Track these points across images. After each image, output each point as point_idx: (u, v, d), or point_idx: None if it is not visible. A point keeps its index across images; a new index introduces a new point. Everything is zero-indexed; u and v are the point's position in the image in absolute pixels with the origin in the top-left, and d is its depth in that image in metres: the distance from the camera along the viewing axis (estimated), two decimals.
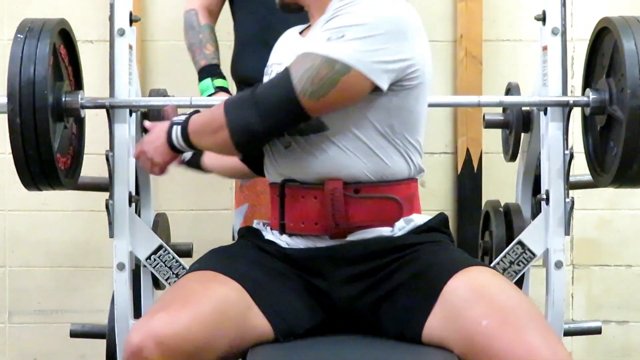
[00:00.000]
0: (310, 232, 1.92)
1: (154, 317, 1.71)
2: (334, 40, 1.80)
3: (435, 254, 1.88)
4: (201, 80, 2.72)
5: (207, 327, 1.72)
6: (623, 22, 2.18)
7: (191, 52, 2.75)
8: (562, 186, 2.32)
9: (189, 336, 1.69)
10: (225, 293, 1.79)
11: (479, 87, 3.22)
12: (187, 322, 1.70)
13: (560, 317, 2.32)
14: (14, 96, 2.09)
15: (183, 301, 1.76)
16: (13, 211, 3.32)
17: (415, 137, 1.94)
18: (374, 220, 1.90)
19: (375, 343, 1.83)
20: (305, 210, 1.91)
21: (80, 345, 3.09)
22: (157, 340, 1.66)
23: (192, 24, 2.76)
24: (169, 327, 1.68)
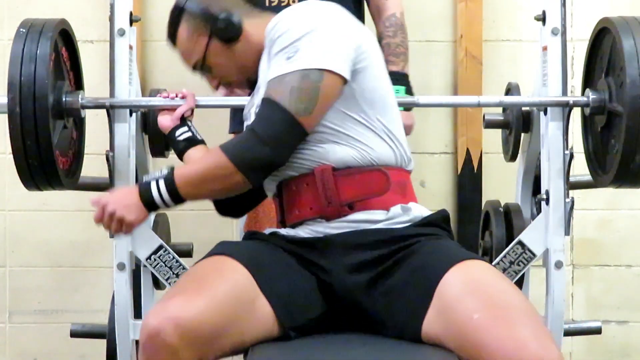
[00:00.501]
0: (305, 217, 1.96)
1: (171, 301, 1.73)
2: (293, 56, 1.90)
3: (434, 249, 1.90)
4: None
5: (223, 311, 1.75)
6: (623, 23, 2.18)
7: None
8: (562, 186, 2.32)
9: (206, 319, 1.72)
10: (236, 279, 1.82)
11: (479, 87, 3.22)
12: (203, 305, 1.73)
13: (560, 317, 2.32)
14: (14, 96, 2.09)
15: (198, 286, 1.79)
16: (13, 211, 3.32)
17: (389, 120, 2.00)
18: (364, 194, 1.94)
19: (376, 342, 1.83)
20: (299, 198, 1.97)
21: (80, 345, 3.09)
22: (176, 323, 1.68)
23: None
24: (186, 311, 1.71)
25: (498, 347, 1.66)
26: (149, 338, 1.69)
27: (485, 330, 1.69)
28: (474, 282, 1.79)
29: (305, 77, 1.88)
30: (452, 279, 1.79)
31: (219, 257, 1.89)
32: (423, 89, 3.12)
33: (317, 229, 1.96)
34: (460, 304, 1.75)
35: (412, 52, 2.86)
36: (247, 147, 1.90)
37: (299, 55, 1.89)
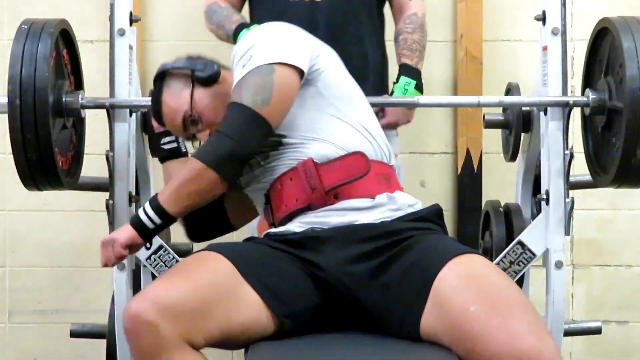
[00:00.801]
0: (292, 209, 2.00)
1: (150, 287, 1.81)
2: (247, 63, 2.00)
3: (429, 243, 1.92)
4: (236, 37, 2.69)
5: (202, 292, 1.79)
6: (622, 23, 2.18)
7: (220, 29, 2.75)
8: (562, 186, 2.32)
9: (184, 298, 1.76)
10: (217, 267, 1.87)
11: (479, 87, 3.22)
12: (182, 288, 1.79)
13: (560, 317, 2.32)
14: (15, 96, 2.09)
15: (178, 274, 1.87)
16: (13, 211, 3.32)
17: (362, 115, 2.07)
18: (346, 177, 2.00)
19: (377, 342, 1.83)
20: (285, 192, 2.03)
21: (80, 345, 3.09)
22: (153, 302, 1.73)
23: (213, 9, 2.78)
24: (164, 292, 1.76)
25: (493, 338, 1.68)
26: (130, 320, 1.73)
27: (481, 322, 1.71)
28: (470, 275, 1.81)
29: (257, 73, 1.97)
30: (448, 273, 1.80)
31: (203, 252, 1.94)
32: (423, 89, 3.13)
33: (305, 219, 1.99)
34: (456, 297, 1.77)
35: None
36: (212, 144, 1.97)
37: (252, 59, 1.99)
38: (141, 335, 1.73)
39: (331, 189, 1.99)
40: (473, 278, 1.80)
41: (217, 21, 2.76)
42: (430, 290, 1.80)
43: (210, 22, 2.79)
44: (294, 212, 2.01)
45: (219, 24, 2.75)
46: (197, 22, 3.26)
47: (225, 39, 2.76)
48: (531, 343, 1.66)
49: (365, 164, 2.01)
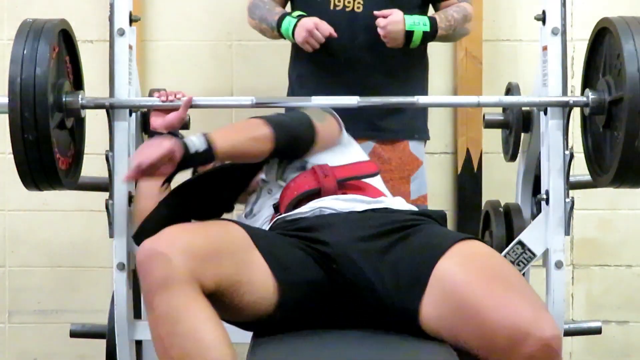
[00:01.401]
0: (302, 191, 2.11)
1: (164, 231, 1.81)
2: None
3: (434, 230, 1.99)
4: (280, 26, 2.68)
5: (215, 242, 1.83)
6: (622, 23, 2.18)
7: (264, 22, 2.73)
8: (562, 186, 2.32)
9: (198, 242, 1.79)
10: (232, 229, 1.91)
11: (479, 87, 3.22)
12: (196, 234, 1.82)
13: (560, 317, 2.32)
14: (15, 96, 2.09)
15: (194, 226, 1.91)
16: (13, 211, 3.32)
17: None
18: (357, 174, 2.18)
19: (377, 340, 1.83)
20: (295, 185, 2.13)
21: (80, 345, 3.09)
22: (168, 239, 1.76)
23: (257, 5, 2.77)
24: (179, 234, 1.79)
25: (492, 310, 1.71)
26: (144, 252, 1.76)
27: (482, 293, 1.74)
28: (471, 255, 1.86)
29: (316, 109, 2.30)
30: (451, 254, 1.85)
31: (219, 220, 2.00)
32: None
33: (314, 204, 2.06)
34: (459, 273, 1.81)
35: None
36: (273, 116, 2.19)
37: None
38: (153, 266, 1.74)
39: (342, 179, 2.12)
40: (475, 258, 1.86)
41: (259, 15, 2.75)
42: (434, 269, 1.84)
43: (253, 16, 2.78)
44: (304, 194, 2.08)
45: (262, 17, 2.74)
46: (197, 22, 3.27)
47: (269, 32, 2.74)
48: (529, 315, 1.69)
49: (376, 168, 2.22)
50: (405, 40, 2.63)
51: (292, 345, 1.83)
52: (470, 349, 1.77)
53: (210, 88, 3.21)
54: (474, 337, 1.74)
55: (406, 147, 2.79)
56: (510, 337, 1.67)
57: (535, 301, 1.74)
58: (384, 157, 2.77)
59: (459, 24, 2.72)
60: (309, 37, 2.60)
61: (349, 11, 2.69)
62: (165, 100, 2.30)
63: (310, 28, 2.60)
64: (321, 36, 2.60)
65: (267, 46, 3.10)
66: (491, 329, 1.70)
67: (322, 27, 2.61)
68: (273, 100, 2.52)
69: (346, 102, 2.44)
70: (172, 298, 1.71)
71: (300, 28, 2.62)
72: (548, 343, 1.66)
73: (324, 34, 2.60)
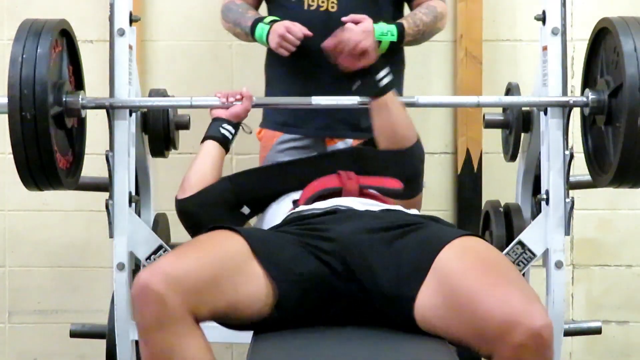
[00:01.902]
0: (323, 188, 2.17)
1: (161, 259, 1.81)
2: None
3: (436, 227, 2.01)
4: (253, 32, 2.64)
5: (211, 266, 1.81)
6: (622, 23, 2.18)
7: (237, 27, 2.70)
8: (562, 186, 2.32)
9: (193, 270, 1.77)
10: (228, 242, 1.90)
11: (479, 87, 3.22)
12: (191, 260, 1.80)
13: (560, 317, 2.32)
14: (15, 96, 2.09)
15: (188, 248, 1.88)
16: (13, 211, 3.32)
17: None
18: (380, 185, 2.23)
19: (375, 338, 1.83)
20: (317, 183, 2.19)
21: (80, 345, 3.09)
22: (163, 273, 1.74)
23: (229, 8, 2.74)
24: (174, 265, 1.77)
25: (485, 298, 1.72)
26: (139, 289, 1.74)
27: (476, 282, 1.76)
28: (470, 248, 1.88)
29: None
30: (449, 248, 1.86)
31: (216, 230, 1.97)
32: (423, 89, 3.13)
33: (332, 202, 2.10)
34: (455, 263, 1.83)
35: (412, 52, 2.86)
36: None
37: None
38: (148, 304, 1.74)
39: (365, 186, 2.17)
40: (472, 251, 1.87)
41: (233, 19, 2.72)
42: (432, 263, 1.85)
43: (227, 20, 2.76)
44: (325, 190, 2.15)
45: (235, 21, 2.71)
46: (197, 22, 3.27)
47: (243, 37, 2.72)
48: (519, 304, 1.69)
49: (400, 185, 2.24)
50: None
51: (292, 345, 1.83)
52: (462, 340, 1.78)
53: (210, 88, 3.21)
54: (465, 326, 1.75)
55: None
56: (500, 325, 1.68)
57: (527, 292, 1.75)
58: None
59: (428, 27, 2.67)
60: (282, 42, 2.55)
61: (323, 11, 2.65)
62: (226, 101, 2.38)
63: (282, 32, 2.55)
64: (294, 39, 2.55)
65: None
66: (482, 318, 1.71)
67: (294, 29, 2.56)
68: (273, 101, 2.52)
69: (346, 102, 2.44)
70: (166, 336, 1.73)
71: (273, 34, 2.57)
72: (538, 332, 1.66)
73: (296, 36, 2.55)
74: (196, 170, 2.33)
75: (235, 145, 2.45)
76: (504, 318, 1.68)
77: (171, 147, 2.62)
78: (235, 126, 2.38)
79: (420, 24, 2.65)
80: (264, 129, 2.77)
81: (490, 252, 1.92)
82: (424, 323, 1.84)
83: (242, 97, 2.38)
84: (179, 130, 2.65)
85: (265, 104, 2.45)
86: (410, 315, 1.84)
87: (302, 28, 2.57)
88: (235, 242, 1.90)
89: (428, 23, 2.67)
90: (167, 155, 2.65)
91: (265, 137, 2.77)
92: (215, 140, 2.36)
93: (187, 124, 2.63)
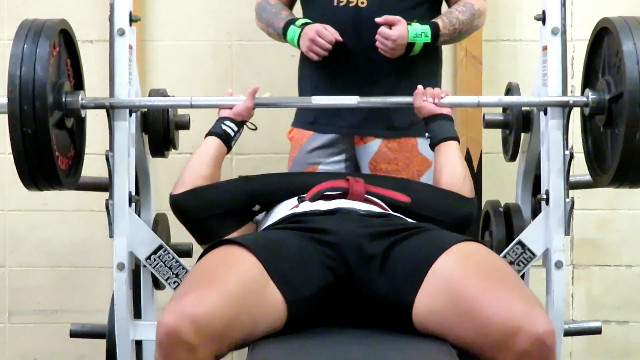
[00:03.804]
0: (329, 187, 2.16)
1: (184, 299, 1.74)
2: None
3: (438, 232, 2.00)
4: (285, 34, 2.65)
5: (235, 304, 1.76)
6: (622, 23, 2.18)
7: (270, 27, 2.71)
8: (562, 186, 2.32)
9: (220, 314, 1.72)
10: (246, 269, 1.84)
11: (479, 87, 3.22)
12: (216, 300, 1.74)
13: (560, 317, 2.32)
14: (14, 96, 2.09)
15: (209, 281, 1.81)
16: (13, 211, 3.32)
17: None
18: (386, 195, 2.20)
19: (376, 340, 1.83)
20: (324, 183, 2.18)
21: (80, 345, 3.09)
22: (192, 319, 1.69)
23: (263, 7, 2.74)
24: (200, 306, 1.71)
25: (487, 303, 1.71)
26: (167, 336, 1.69)
27: (477, 288, 1.75)
28: (470, 254, 1.87)
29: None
30: (449, 253, 1.86)
31: (227, 248, 1.92)
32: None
33: (335, 203, 2.09)
34: (455, 268, 1.82)
35: None
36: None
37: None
38: (177, 352, 1.70)
39: (372, 193, 2.16)
40: (473, 256, 1.87)
41: (266, 19, 2.72)
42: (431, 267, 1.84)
43: (260, 19, 2.76)
44: (331, 189, 2.15)
45: (268, 21, 2.71)
46: (197, 22, 3.27)
47: (275, 37, 2.72)
48: (522, 310, 1.68)
49: (408, 199, 2.21)
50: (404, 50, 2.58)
51: (292, 345, 1.83)
52: (462, 345, 1.77)
53: (210, 88, 3.21)
54: (466, 332, 1.74)
55: (414, 146, 2.72)
56: (502, 331, 1.67)
57: (529, 298, 1.74)
58: (390, 157, 2.70)
59: (464, 26, 2.65)
60: (312, 46, 2.56)
61: (353, 7, 2.64)
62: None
63: (312, 36, 2.56)
64: (325, 43, 2.55)
65: (267, 46, 3.10)
66: (484, 323, 1.70)
67: (325, 33, 2.56)
68: (273, 101, 2.52)
69: (346, 102, 2.44)
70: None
71: (304, 37, 2.58)
72: (541, 338, 1.65)
73: (327, 39, 2.55)
74: (190, 166, 2.34)
75: (236, 146, 2.44)
76: (507, 324, 1.67)
77: (171, 147, 2.61)
78: (239, 124, 2.38)
79: (456, 22, 2.64)
80: (295, 129, 2.79)
81: (491, 257, 1.91)
82: (422, 327, 1.83)
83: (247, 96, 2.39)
84: (179, 130, 2.65)
85: (265, 104, 2.45)
86: (408, 320, 1.84)
87: (334, 32, 2.57)
88: (250, 265, 1.85)
89: (465, 21, 2.66)
90: (167, 155, 2.65)
91: (295, 137, 2.79)
92: (215, 136, 2.37)
93: (187, 124, 2.63)
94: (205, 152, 2.36)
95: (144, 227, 2.37)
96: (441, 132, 2.40)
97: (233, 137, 2.37)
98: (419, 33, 2.56)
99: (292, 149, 2.80)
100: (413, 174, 2.70)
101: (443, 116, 2.43)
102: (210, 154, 2.35)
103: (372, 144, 2.71)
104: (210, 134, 2.37)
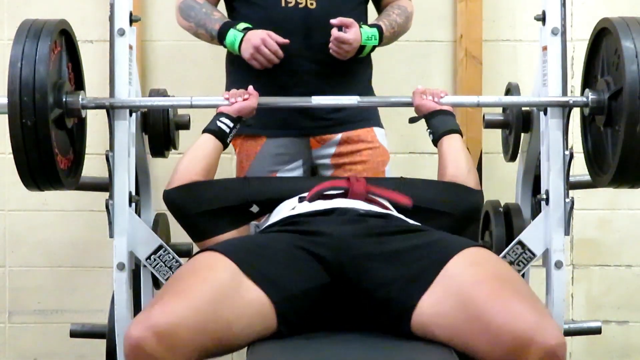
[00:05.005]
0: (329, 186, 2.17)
1: (151, 310, 1.75)
2: None
3: (443, 234, 2.00)
4: (224, 38, 2.56)
5: (202, 312, 1.76)
6: (622, 23, 2.18)
7: (201, 28, 2.61)
8: (562, 186, 2.32)
9: (185, 322, 1.73)
10: (216, 277, 1.84)
11: (479, 87, 3.22)
12: (181, 309, 1.74)
13: (560, 317, 2.32)
14: (15, 96, 2.09)
15: (176, 292, 1.81)
16: (13, 211, 3.32)
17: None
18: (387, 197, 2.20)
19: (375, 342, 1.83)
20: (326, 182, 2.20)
21: (80, 345, 3.09)
22: (154, 331, 1.70)
23: (191, 6, 2.64)
24: (163, 317, 1.72)
25: (497, 313, 1.69)
26: (132, 349, 1.71)
27: (488, 295, 1.73)
28: (482, 260, 1.87)
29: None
30: (459, 259, 1.85)
31: (202, 255, 1.93)
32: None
33: (335, 202, 2.08)
34: (467, 274, 1.81)
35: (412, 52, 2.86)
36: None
37: None
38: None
39: (373, 193, 2.16)
40: (484, 263, 1.86)
41: (196, 18, 2.61)
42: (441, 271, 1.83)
43: (187, 19, 2.64)
44: (331, 188, 2.15)
45: (199, 22, 2.61)
46: None
47: (205, 38, 2.63)
48: (533, 321, 1.67)
49: (410, 202, 2.19)
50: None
51: (291, 345, 1.83)
52: (469, 353, 1.75)
53: (210, 88, 3.21)
54: (475, 339, 1.72)
55: (374, 136, 2.69)
56: (513, 342, 1.65)
57: (540, 309, 1.73)
58: (351, 149, 2.67)
59: (401, 29, 2.67)
60: (256, 54, 2.49)
61: (302, 7, 2.57)
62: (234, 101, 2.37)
63: (257, 44, 2.47)
64: (269, 53, 2.47)
65: None
66: (495, 333, 1.68)
67: (270, 42, 2.48)
68: (273, 101, 2.52)
69: (346, 102, 2.44)
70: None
71: (247, 43, 2.49)
72: (553, 350, 1.64)
73: (272, 48, 2.48)
74: (184, 163, 2.33)
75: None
76: (517, 334, 1.65)
77: (171, 147, 2.62)
78: (235, 121, 2.36)
79: (395, 25, 2.64)
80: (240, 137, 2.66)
81: (503, 265, 1.90)
82: (422, 330, 1.82)
83: (249, 95, 2.38)
84: (179, 130, 2.65)
85: (265, 104, 2.45)
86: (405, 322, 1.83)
87: (278, 38, 2.49)
88: (222, 269, 1.85)
89: (401, 24, 2.67)
90: (167, 155, 2.65)
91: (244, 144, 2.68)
92: (210, 133, 2.36)
93: (187, 124, 2.63)
94: (198, 149, 2.35)
95: (144, 227, 2.37)
96: (443, 126, 2.40)
97: (229, 134, 2.36)
98: (370, 36, 2.55)
99: (246, 157, 2.68)
100: (377, 164, 2.68)
101: (443, 112, 2.42)
102: (204, 150, 2.34)
103: (331, 142, 2.67)
104: (205, 131, 2.37)
